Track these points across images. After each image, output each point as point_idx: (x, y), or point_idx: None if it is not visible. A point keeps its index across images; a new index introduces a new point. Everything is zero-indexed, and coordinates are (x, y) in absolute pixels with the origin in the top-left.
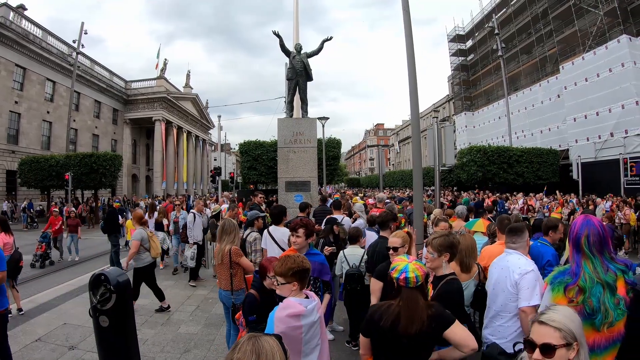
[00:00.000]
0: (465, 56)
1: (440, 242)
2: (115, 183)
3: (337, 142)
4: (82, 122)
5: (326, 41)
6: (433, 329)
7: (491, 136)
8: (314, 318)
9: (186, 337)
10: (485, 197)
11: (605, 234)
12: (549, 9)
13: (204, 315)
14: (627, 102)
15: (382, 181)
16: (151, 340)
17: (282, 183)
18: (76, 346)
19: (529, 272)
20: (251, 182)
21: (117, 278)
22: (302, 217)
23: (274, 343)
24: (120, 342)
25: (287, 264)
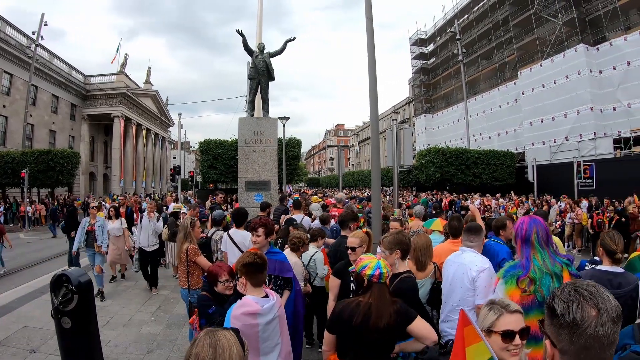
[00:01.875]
0: (427, 60)
1: (390, 240)
2: (72, 181)
3: (297, 142)
4: (39, 117)
5: (289, 41)
6: (398, 324)
7: (450, 138)
8: (271, 317)
9: (149, 338)
10: (443, 197)
11: (549, 231)
12: (509, 16)
13: (165, 315)
14: (582, 108)
15: (342, 181)
16: (113, 341)
17: (242, 182)
18: (38, 349)
19: (486, 270)
20: (211, 181)
21: (78, 278)
22: (262, 216)
23: (231, 337)
24: (83, 343)
25: (240, 257)
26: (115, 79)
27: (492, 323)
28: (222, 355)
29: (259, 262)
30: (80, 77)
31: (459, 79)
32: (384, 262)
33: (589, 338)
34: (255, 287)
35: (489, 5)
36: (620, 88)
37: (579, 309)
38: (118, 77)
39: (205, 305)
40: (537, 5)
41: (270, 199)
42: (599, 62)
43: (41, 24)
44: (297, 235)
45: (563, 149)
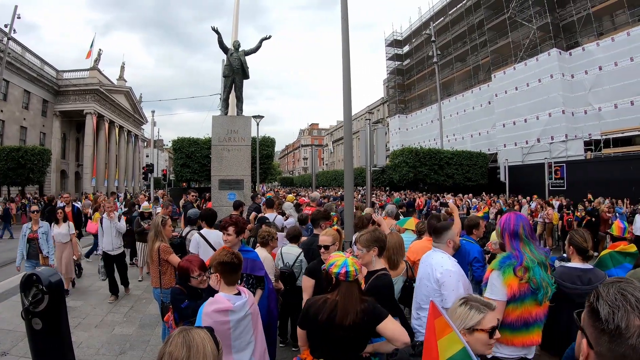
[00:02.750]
0: (402, 61)
1: (367, 238)
2: (43, 179)
3: (271, 141)
4: (10, 113)
5: (265, 40)
6: (365, 322)
7: (423, 139)
8: (243, 314)
9: (121, 339)
10: (417, 197)
11: (530, 227)
12: (484, 20)
13: (138, 315)
14: (554, 111)
15: (315, 180)
16: (85, 342)
17: (215, 181)
18: (8, 352)
19: (452, 273)
20: (184, 180)
21: (49, 278)
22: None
23: (205, 335)
24: (55, 345)
25: (215, 255)
26: (88, 74)
27: (479, 322)
28: (196, 354)
29: (236, 262)
30: (53, 72)
31: (434, 80)
32: (351, 261)
33: (629, 348)
34: (228, 286)
35: (465, 9)
36: (591, 92)
37: (625, 317)
38: (91, 72)
39: (179, 299)
40: (512, 9)
41: (244, 197)
42: (572, 66)
43: (14, 16)
44: (266, 230)
45: (535, 151)
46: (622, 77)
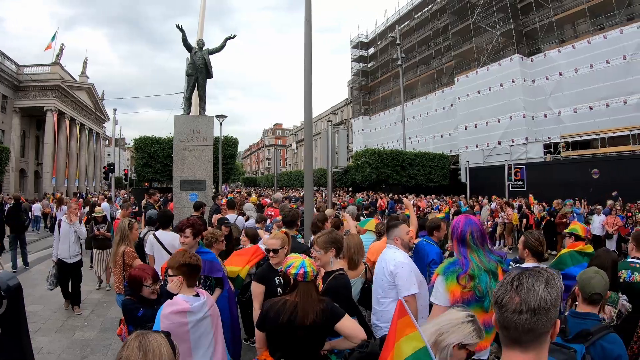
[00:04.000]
0: (366, 63)
1: (325, 239)
2: (1, 178)
3: (234, 141)
4: None
5: (229, 39)
6: (324, 322)
7: (387, 140)
8: (201, 315)
9: (82, 343)
10: (379, 198)
11: (483, 230)
12: (449, 25)
13: (99, 319)
14: (515, 115)
15: (278, 181)
16: (46, 348)
17: (177, 181)
18: None
19: (404, 265)
20: (146, 180)
21: (7, 282)
22: (196, 216)
23: (162, 339)
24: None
25: (176, 257)
26: (50, 70)
27: (472, 344)
28: (153, 358)
29: (197, 263)
30: (13, 67)
31: (397, 82)
32: (308, 262)
33: (506, 320)
34: (188, 287)
35: (430, 13)
36: (551, 97)
37: (504, 294)
38: (53, 68)
39: (133, 308)
40: (477, 15)
41: (206, 198)
42: (533, 72)
43: None
44: (210, 231)
45: (495, 153)
46: (581, 83)
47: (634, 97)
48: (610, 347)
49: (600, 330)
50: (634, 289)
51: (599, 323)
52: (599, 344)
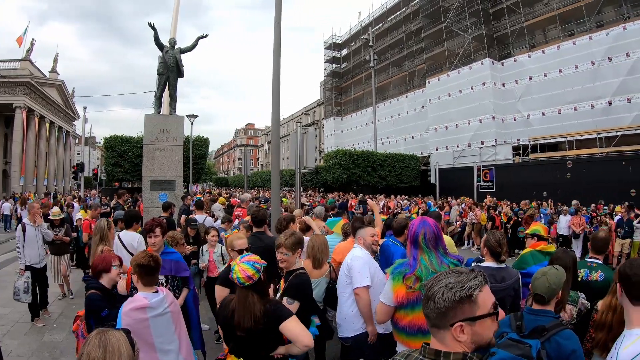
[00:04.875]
0: (339, 64)
1: (292, 241)
2: None
3: (204, 141)
4: None
5: (201, 38)
6: (266, 324)
7: (358, 141)
8: (161, 310)
9: (51, 345)
10: (350, 198)
11: (439, 233)
12: (422, 28)
13: (68, 321)
14: (485, 117)
15: (247, 181)
16: (15, 351)
17: (146, 182)
18: None
19: (359, 259)
20: (116, 180)
21: None
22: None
23: (121, 336)
24: None
25: (134, 257)
26: (19, 65)
27: None
28: (112, 355)
29: (152, 265)
30: None
31: (370, 84)
32: (237, 267)
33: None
34: (145, 287)
35: (404, 17)
36: (521, 100)
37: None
38: (23, 64)
39: (98, 306)
40: (449, 19)
41: (175, 198)
42: (503, 75)
43: None
44: (171, 234)
45: (465, 154)
46: (550, 88)
47: (601, 101)
48: (565, 342)
49: (555, 327)
50: (591, 287)
51: (555, 320)
52: (554, 339)
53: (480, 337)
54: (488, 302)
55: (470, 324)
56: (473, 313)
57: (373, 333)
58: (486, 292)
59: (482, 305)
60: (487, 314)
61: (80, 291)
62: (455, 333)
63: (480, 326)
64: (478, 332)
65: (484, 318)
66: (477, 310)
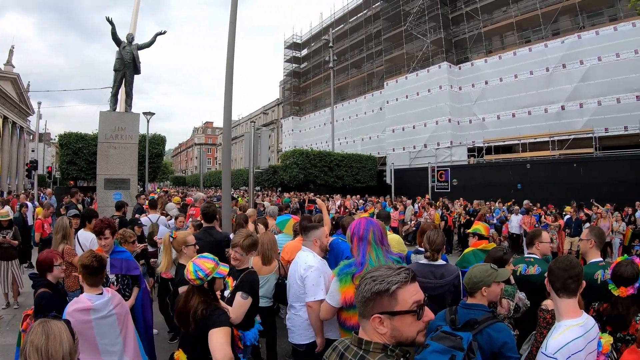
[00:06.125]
0: (299, 64)
1: (249, 243)
2: None
3: (161, 139)
4: None
5: (159, 35)
6: (199, 328)
7: (316, 141)
8: (105, 312)
9: (4, 349)
10: (306, 198)
11: (383, 232)
12: (382, 31)
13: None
14: (441, 119)
15: (207, 181)
16: None
17: (101, 180)
18: None
19: (313, 269)
20: (71, 178)
21: None
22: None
23: (62, 325)
24: None
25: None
26: None
27: None
28: (54, 342)
29: (96, 265)
30: None
31: (329, 84)
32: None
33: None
34: (90, 287)
35: (365, 19)
36: (477, 103)
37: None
38: None
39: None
40: (409, 23)
41: (130, 197)
42: (460, 79)
43: None
44: (120, 232)
45: (421, 155)
46: (506, 92)
47: (554, 106)
48: (497, 334)
49: (487, 320)
50: (530, 281)
51: (487, 313)
52: (486, 332)
53: (400, 333)
54: (409, 300)
55: (389, 318)
56: (391, 308)
57: (322, 345)
58: (408, 291)
59: (402, 302)
60: (405, 310)
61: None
62: (374, 324)
63: (400, 322)
64: (397, 328)
65: (402, 314)
66: (396, 305)
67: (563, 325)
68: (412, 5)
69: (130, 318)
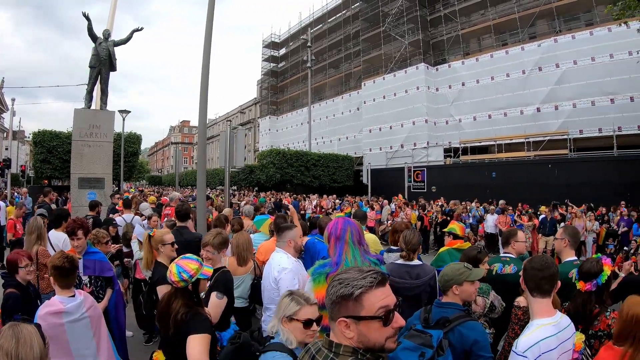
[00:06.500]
0: (277, 63)
1: (219, 241)
2: None
3: (137, 138)
4: None
5: (136, 31)
6: (178, 333)
7: (293, 140)
8: (78, 315)
9: None
10: (283, 197)
11: (361, 232)
12: (360, 31)
13: None
14: (418, 120)
15: (183, 180)
16: None
17: (75, 179)
18: None
19: (288, 271)
20: (45, 177)
21: None
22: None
23: (33, 329)
24: None
25: (51, 259)
26: None
27: (295, 312)
28: (24, 346)
29: (67, 266)
30: None
31: (306, 84)
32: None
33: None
34: (62, 289)
35: (343, 19)
36: (453, 105)
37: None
38: None
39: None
40: (388, 24)
41: (104, 197)
42: (437, 80)
43: None
44: (94, 232)
45: (398, 155)
46: (482, 94)
47: (529, 108)
48: (468, 332)
49: (459, 318)
50: (506, 280)
51: (459, 312)
52: (457, 330)
53: (367, 339)
54: (375, 305)
55: (355, 323)
56: (357, 312)
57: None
58: (374, 295)
59: (368, 307)
60: (371, 316)
61: None
62: (340, 327)
63: (366, 327)
64: (363, 333)
65: (368, 320)
66: (362, 310)
67: (535, 324)
68: (391, 6)
69: (103, 321)
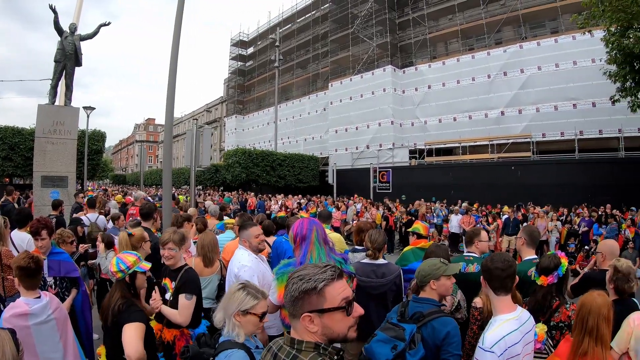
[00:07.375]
0: (245, 62)
1: (179, 237)
2: None
3: (101, 135)
4: None
5: (103, 26)
6: (115, 323)
7: (259, 140)
8: (44, 317)
9: None
10: (248, 197)
11: (325, 232)
12: (329, 32)
13: None
14: (384, 121)
15: (143, 179)
16: None
17: (37, 177)
18: None
19: (247, 268)
20: (6, 175)
21: None
22: (54, 215)
23: (6, 335)
24: None
25: (15, 260)
26: None
27: (252, 306)
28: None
29: (33, 267)
30: None
31: (273, 84)
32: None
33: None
34: (27, 290)
35: (312, 19)
36: (419, 107)
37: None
38: None
39: None
40: (357, 26)
41: (68, 196)
42: (404, 82)
43: None
44: (58, 232)
45: (364, 156)
46: (447, 96)
47: (494, 111)
48: (440, 327)
49: (433, 313)
50: (469, 279)
51: (434, 307)
52: (430, 324)
53: (331, 330)
54: (337, 297)
55: (319, 316)
56: (320, 305)
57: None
58: (336, 288)
59: (330, 299)
60: (334, 307)
61: None
62: (304, 323)
63: (329, 319)
64: (327, 325)
65: (331, 311)
66: (325, 303)
67: (499, 319)
68: (360, 8)
69: (69, 323)
